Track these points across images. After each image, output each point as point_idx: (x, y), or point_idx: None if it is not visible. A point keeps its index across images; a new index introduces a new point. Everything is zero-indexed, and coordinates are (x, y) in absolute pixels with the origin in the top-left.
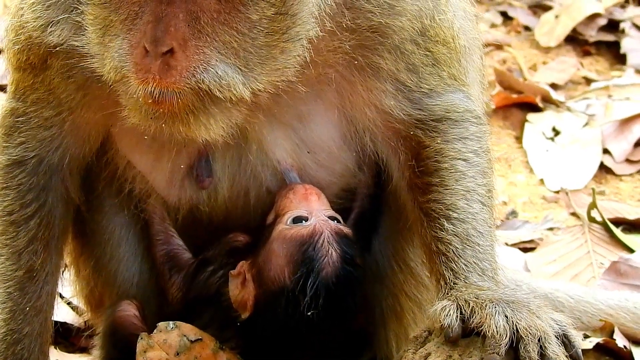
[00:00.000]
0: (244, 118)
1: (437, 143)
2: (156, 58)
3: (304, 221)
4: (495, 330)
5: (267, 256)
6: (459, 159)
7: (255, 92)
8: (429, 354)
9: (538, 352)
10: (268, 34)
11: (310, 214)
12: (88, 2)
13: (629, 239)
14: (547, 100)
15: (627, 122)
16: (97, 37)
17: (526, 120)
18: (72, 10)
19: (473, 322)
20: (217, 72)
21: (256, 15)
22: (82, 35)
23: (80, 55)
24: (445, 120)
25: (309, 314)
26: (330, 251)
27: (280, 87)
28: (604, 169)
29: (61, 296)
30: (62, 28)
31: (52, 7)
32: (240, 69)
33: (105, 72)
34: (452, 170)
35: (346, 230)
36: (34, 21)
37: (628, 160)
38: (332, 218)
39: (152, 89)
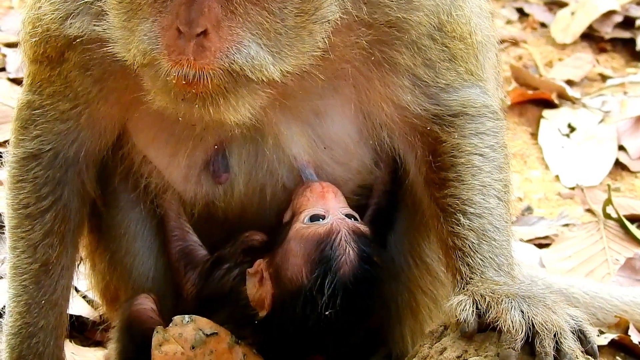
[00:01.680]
0: (263, 111)
1: (454, 138)
2: (190, 39)
3: (321, 219)
4: (511, 325)
5: (284, 255)
6: (476, 154)
7: (283, 73)
8: (445, 348)
9: (554, 347)
10: (297, 15)
11: (327, 212)
12: None
13: None
14: (563, 96)
15: None
16: (120, 22)
17: (542, 117)
18: (93, 1)
19: (489, 317)
20: (249, 53)
21: None
22: (104, 21)
23: (99, 47)
24: (462, 116)
25: (326, 313)
26: (347, 250)
27: (298, 80)
28: (619, 165)
29: (76, 290)
30: (81, 20)
31: None
32: (270, 49)
33: (130, 57)
34: (468, 166)
35: (363, 228)
36: (52, 13)
37: None
38: (349, 216)
39: (186, 70)
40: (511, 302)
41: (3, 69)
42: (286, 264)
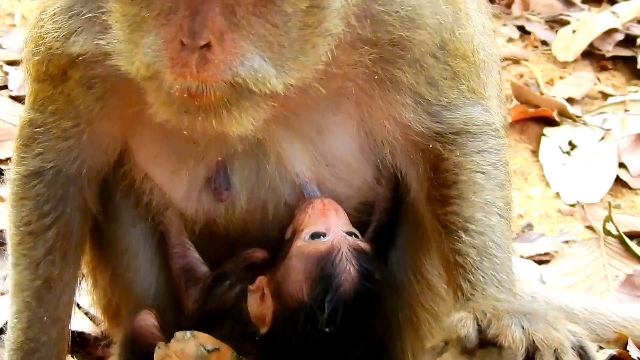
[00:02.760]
0: (264, 127)
1: (456, 156)
2: (193, 52)
3: (322, 237)
4: (512, 341)
5: (285, 272)
6: (478, 171)
7: (286, 86)
8: None
9: None
10: (301, 28)
11: (329, 230)
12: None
13: None
14: (564, 114)
15: None
16: (124, 35)
17: (543, 134)
18: (94, 17)
19: (490, 333)
20: (253, 66)
21: (291, 9)
22: (107, 35)
23: (102, 64)
24: (464, 133)
25: (327, 329)
26: (348, 267)
27: (301, 97)
28: (619, 182)
29: (78, 306)
30: (84, 37)
31: (74, 17)
32: (274, 62)
33: (133, 70)
34: (470, 183)
35: (364, 245)
36: (55, 32)
37: None
38: (350, 233)
39: (189, 83)
40: (512, 319)
41: (5, 87)
42: (287, 281)
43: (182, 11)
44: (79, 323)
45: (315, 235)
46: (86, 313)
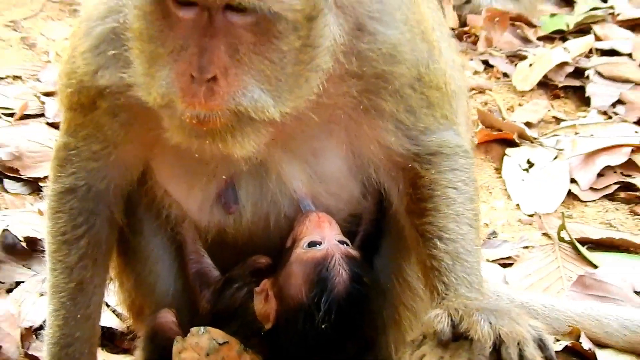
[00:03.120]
0: (266, 150)
1: (432, 174)
2: (201, 84)
3: (318, 245)
4: (481, 334)
5: (286, 276)
6: (450, 187)
7: (282, 114)
8: (424, 355)
9: (518, 354)
10: (295, 63)
11: (323, 239)
12: (136, 38)
13: (593, 256)
14: (523, 136)
15: (591, 155)
16: (143, 69)
17: (505, 154)
18: (118, 54)
19: (462, 327)
20: (253, 97)
21: (286, 47)
22: (129, 69)
23: (125, 95)
24: (438, 154)
25: (322, 326)
26: (341, 271)
27: (298, 124)
28: (571, 195)
29: (107, 305)
30: (110, 72)
31: (101, 54)
32: (271, 93)
33: (151, 99)
34: (444, 197)
35: (354, 252)
36: (85, 67)
37: (592, 189)
38: (342, 242)
39: (198, 111)
40: (481, 315)
41: (42, 115)
42: (288, 284)
43: (192, 49)
44: (108, 320)
45: (312, 244)
46: (114, 311)
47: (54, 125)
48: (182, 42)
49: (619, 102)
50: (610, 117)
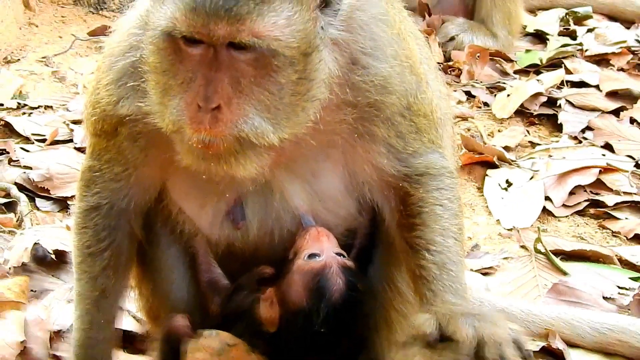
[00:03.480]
0: (270, 172)
1: (420, 192)
2: (207, 112)
3: (317, 257)
4: (465, 337)
5: (288, 284)
6: (437, 204)
7: (281, 139)
8: (414, 355)
9: (498, 354)
10: (292, 94)
11: (322, 252)
12: (152, 71)
13: (566, 266)
14: (502, 159)
15: (563, 176)
16: (157, 99)
17: (486, 175)
18: (137, 86)
19: (448, 330)
20: (254, 124)
21: (284, 80)
22: (146, 99)
23: (143, 122)
24: (425, 175)
25: (321, 329)
26: (337, 280)
27: (299, 148)
28: (546, 212)
29: (127, 311)
30: (130, 102)
31: (122, 86)
32: (271, 121)
33: (164, 125)
34: (431, 214)
35: (350, 263)
36: (108, 98)
37: (565, 206)
38: (339, 254)
39: (204, 136)
40: (465, 319)
41: (71, 140)
42: (290, 292)
43: (199, 81)
44: (128, 324)
45: (311, 256)
46: (133, 316)
47: (81, 150)
48: (191, 75)
49: (588, 128)
50: (580, 142)
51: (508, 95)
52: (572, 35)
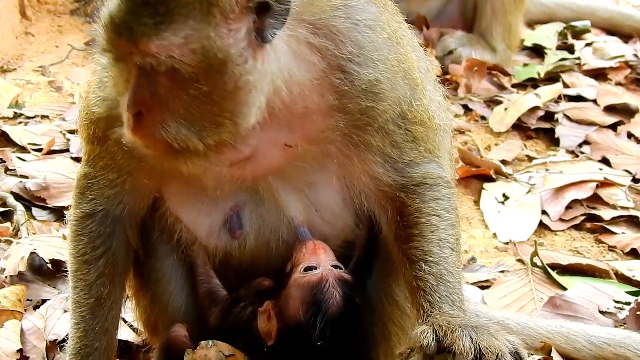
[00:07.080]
0: (264, 181)
1: (417, 203)
2: (132, 117)
3: (313, 270)
4: (463, 348)
5: (286, 298)
6: (434, 215)
7: (210, 145)
8: None
9: None
10: (209, 104)
11: (319, 264)
12: (107, 73)
13: (562, 279)
14: (499, 173)
15: (560, 190)
16: (119, 102)
17: (483, 188)
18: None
19: (446, 342)
20: (172, 131)
21: (194, 92)
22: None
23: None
24: (422, 185)
25: (318, 343)
26: (334, 294)
27: (296, 160)
28: (542, 226)
29: (124, 320)
30: (107, 103)
31: (102, 87)
32: (191, 128)
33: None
34: (428, 224)
35: (347, 276)
36: (94, 100)
37: (561, 219)
38: (335, 266)
39: (134, 139)
40: (463, 331)
41: (67, 150)
42: (287, 305)
43: (130, 86)
44: (125, 333)
45: (308, 269)
46: (130, 326)
47: (77, 160)
48: (126, 83)
49: (585, 142)
50: (577, 156)
51: (505, 109)
52: (570, 49)
